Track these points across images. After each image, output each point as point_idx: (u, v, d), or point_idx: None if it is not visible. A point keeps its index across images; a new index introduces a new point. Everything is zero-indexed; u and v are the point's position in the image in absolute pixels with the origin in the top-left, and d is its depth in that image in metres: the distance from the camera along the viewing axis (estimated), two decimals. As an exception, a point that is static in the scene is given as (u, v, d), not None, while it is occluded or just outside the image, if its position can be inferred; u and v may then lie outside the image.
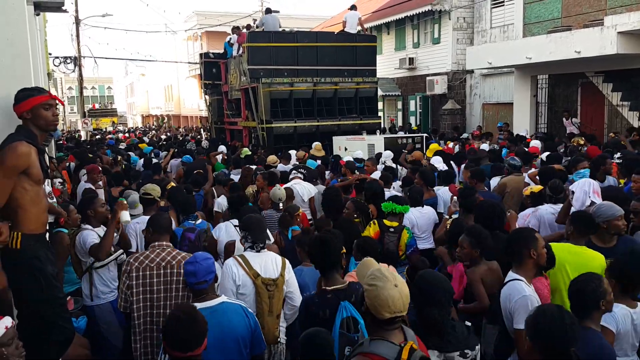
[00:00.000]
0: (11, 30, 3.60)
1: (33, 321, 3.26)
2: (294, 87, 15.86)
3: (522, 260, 3.57)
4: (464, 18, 21.03)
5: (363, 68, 16.77)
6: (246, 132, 17.48)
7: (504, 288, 3.55)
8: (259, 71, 15.46)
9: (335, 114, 16.31)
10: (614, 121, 14.96)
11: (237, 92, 17.61)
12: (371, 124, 16.62)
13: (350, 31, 16.99)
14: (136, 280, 3.85)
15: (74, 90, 55.76)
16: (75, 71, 30.69)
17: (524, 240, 3.60)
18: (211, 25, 38.85)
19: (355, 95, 16.77)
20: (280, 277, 3.95)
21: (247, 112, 16.98)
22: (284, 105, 15.86)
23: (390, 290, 2.37)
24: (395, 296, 2.37)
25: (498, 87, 20.08)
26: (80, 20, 31.04)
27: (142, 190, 5.98)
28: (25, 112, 3.29)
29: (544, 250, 3.60)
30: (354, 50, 16.71)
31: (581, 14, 15.79)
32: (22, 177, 3.17)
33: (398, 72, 24.17)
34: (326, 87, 16.26)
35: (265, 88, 15.41)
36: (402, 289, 2.41)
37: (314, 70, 16.10)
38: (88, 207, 5.02)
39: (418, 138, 13.53)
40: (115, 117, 50.29)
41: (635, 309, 3.42)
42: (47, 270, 3.26)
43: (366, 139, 13.57)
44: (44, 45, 14.51)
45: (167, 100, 59.07)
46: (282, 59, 15.75)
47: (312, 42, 16.39)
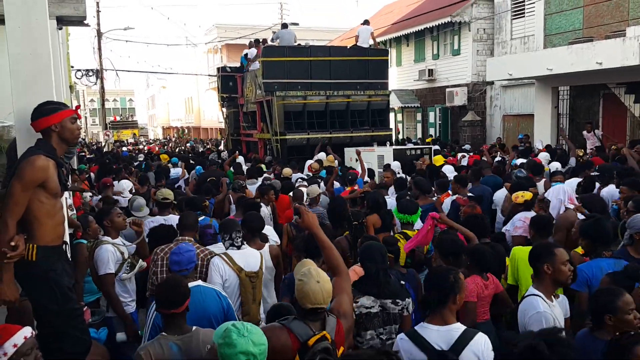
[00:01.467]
0: (34, 45, 3.66)
1: (50, 332, 3.28)
2: (307, 100, 16.23)
3: (539, 275, 3.54)
4: (484, 29, 20.94)
5: (375, 81, 17.05)
6: (261, 144, 17.81)
7: (522, 303, 3.54)
8: (273, 84, 15.86)
9: (348, 126, 16.64)
10: (636, 133, 14.72)
11: (253, 105, 17.96)
12: (382, 135, 16.83)
13: (362, 45, 17.35)
14: (160, 267, 4.54)
15: (96, 103, 56.70)
16: (97, 84, 31.19)
17: (540, 256, 3.57)
18: (231, 38, 39.26)
19: (367, 107, 17.06)
20: (260, 270, 4.54)
21: (262, 124, 17.29)
22: (298, 118, 16.21)
23: (312, 285, 2.84)
24: (317, 290, 2.83)
25: (519, 98, 19.91)
26: (102, 34, 31.61)
27: (160, 195, 6.61)
28: (53, 125, 3.33)
29: (563, 266, 3.49)
30: (366, 63, 17.03)
31: (603, 25, 15.63)
32: (38, 190, 3.20)
33: (417, 84, 24.12)
34: (339, 99, 16.60)
35: (279, 101, 15.80)
36: (324, 285, 2.87)
37: (327, 83, 16.44)
38: (105, 217, 5.10)
39: (427, 149, 13.86)
40: (137, 129, 50.87)
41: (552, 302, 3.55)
42: (63, 282, 3.28)
43: (376, 150, 13.77)
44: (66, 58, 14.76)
45: (187, 112, 59.71)
46: (296, 72, 16.12)
47: (326, 56, 16.77)
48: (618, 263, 4.04)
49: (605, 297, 3.21)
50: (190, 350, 3.15)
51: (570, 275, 3.55)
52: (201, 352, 3.14)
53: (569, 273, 3.52)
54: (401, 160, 12.08)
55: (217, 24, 45.02)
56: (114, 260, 4.81)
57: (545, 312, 3.36)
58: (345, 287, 3.30)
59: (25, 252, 3.15)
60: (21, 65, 3.64)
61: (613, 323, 3.10)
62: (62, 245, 3.39)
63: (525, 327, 3.41)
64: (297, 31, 37.47)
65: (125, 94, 78.72)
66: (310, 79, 16.29)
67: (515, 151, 13.27)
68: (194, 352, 3.14)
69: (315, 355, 2.67)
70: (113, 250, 4.83)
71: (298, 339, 2.79)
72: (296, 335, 2.80)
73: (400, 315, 3.84)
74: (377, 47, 18.83)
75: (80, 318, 3.43)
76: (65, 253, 3.44)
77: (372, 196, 6.48)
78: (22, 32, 3.63)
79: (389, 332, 3.81)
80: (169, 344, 3.16)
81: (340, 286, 3.24)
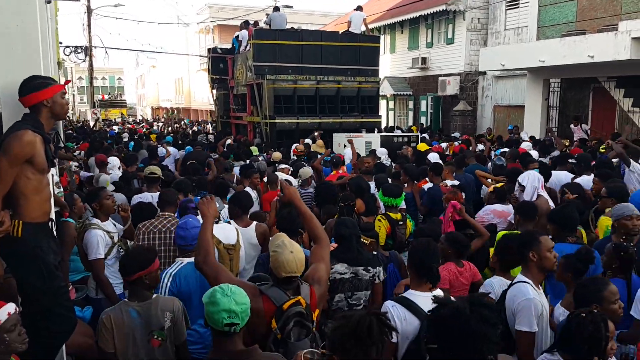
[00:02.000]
0: (21, 17, 3.58)
1: (35, 309, 3.25)
2: (297, 85, 16.33)
3: (526, 262, 3.58)
4: (478, 19, 20.91)
5: (366, 68, 17.26)
6: (251, 127, 17.90)
7: (510, 289, 3.55)
8: (263, 68, 15.93)
9: (338, 112, 16.82)
10: (624, 127, 14.83)
11: (243, 88, 17.93)
12: (372, 122, 17.05)
13: (354, 31, 17.36)
14: (142, 242, 4.82)
15: (84, 80, 56.04)
16: (85, 61, 30.77)
17: (527, 243, 3.60)
18: (224, 19, 38.85)
19: (358, 94, 17.26)
20: (237, 243, 4.73)
21: (252, 107, 17.31)
22: (288, 102, 16.30)
23: (286, 255, 3.02)
24: (290, 260, 3.01)
25: (510, 89, 19.96)
26: (92, 10, 31.11)
27: (148, 171, 6.85)
28: (45, 100, 3.28)
29: (548, 253, 3.53)
30: (358, 50, 17.16)
31: (596, 19, 15.66)
32: (25, 166, 3.15)
33: (410, 72, 24.07)
34: (329, 85, 16.75)
35: (269, 84, 15.90)
36: (297, 255, 3.05)
37: (317, 68, 16.55)
38: (94, 199, 5.09)
39: (413, 137, 14.33)
40: (125, 109, 50.32)
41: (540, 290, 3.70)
42: (49, 259, 3.24)
43: (364, 136, 14.02)
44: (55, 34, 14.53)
45: (177, 92, 59.20)
46: (287, 56, 16.18)
47: (317, 41, 16.84)
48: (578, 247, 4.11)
49: (591, 288, 3.25)
50: (149, 316, 3.38)
51: (555, 262, 3.60)
52: (159, 318, 3.39)
53: (554, 260, 3.58)
54: (388, 147, 12.33)
55: (210, 4, 44.49)
56: (104, 245, 4.83)
57: (534, 298, 3.39)
58: (324, 255, 3.44)
59: (11, 229, 3.11)
60: (8, 39, 3.56)
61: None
62: (48, 222, 3.35)
63: (514, 313, 3.42)
64: (291, 14, 37.19)
65: (115, 72, 77.78)
66: (301, 63, 16.35)
67: (498, 142, 13.77)
68: (153, 318, 3.39)
69: (289, 318, 2.89)
70: (102, 235, 4.85)
71: (274, 303, 2.96)
72: (272, 299, 2.98)
73: (371, 282, 4.14)
74: (369, 34, 18.89)
75: (66, 296, 3.40)
76: (51, 230, 3.40)
77: (354, 181, 6.58)
78: (9, 4, 3.55)
79: (358, 298, 4.11)
80: (129, 309, 3.40)
81: (318, 254, 3.43)
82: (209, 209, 3.40)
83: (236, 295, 2.63)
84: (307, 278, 3.21)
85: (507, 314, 3.51)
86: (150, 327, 3.39)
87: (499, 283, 3.97)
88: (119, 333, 3.35)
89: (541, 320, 3.45)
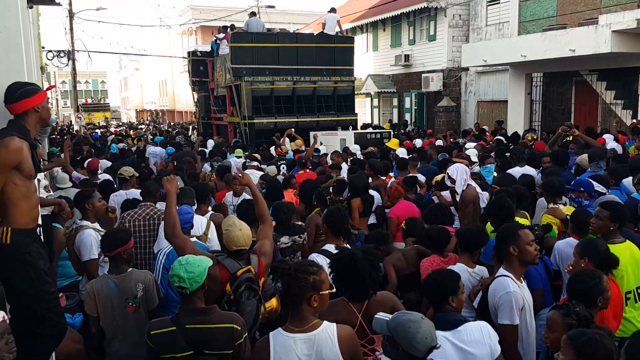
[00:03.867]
0: (3, 22, 3.55)
1: (24, 316, 3.23)
2: (274, 85, 16.92)
3: (507, 256, 3.61)
4: (459, 15, 21.03)
5: (341, 68, 17.88)
6: (231, 128, 18.36)
7: (492, 283, 3.60)
8: (241, 70, 16.51)
9: (314, 111, 17.41)
10: (607, 119, 15.01)
11: (223, 89, 18.47)
12: (348, 120, 17.54)
13: (329, 32, 17.98)
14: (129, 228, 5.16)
15: (67, 85, 55.53)
16: (68, 65, 30.49)
17: (507, 237, 3.64)
18: (206, 20, 38.68)
19: (333, 93, 17.89)
20: (203, 235, 5.17)
21: (232, 108, 17.78)
22: (265, 103, 16.90)
23: (236, 232, 3.65)
24: (239, 236, 3.65)
25: (493, 84, 20.11)
26: (74, 14, 30.86)
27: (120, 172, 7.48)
28: (35, 106, 3.26)
29: (528, 246, 3.57)
30: (333, 50, 17.80)
31: (576, 13, 15.82)
32: (13, 172, 3.13)
33: (393, 69, 24.16)
34: (305, 85, 17.37)
35: (247, 86, 16.46)
36: (244, 232, 3.69)
37: (294, 69, 17.16)
38: (86, 201, 5.10)
39: (386, 134, 15.13)
40: (108, 112, 50.00)
41: (473, 269, 4.28)
42: (38, 265, 3.23)
43: (339, 134, 14.66)
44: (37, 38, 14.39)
45: (161, 95, 58.80)
46: (264, 58, 16.78)
47: (293, 42, 17.53)
48: None
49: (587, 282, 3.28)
50: (124, 286, 4.01)
51: (536, 254, 3.64)
52: (132, 288, 4.01)
53: (535, 252, 3.61)
54: (361, 144, 12.96)
55: (192, 6, 44.28)
56: (97, 245, 4.83)
57: (515, 292, 3.43)
58: (268, 233, 4.15)
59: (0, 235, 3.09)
60: (-10, 44, 3.53)
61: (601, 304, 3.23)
62: (36, 228, 3.33)
63: (496, 307, 3.47)
64: (274, 14, 37.14)
65: (98, 75, 77.19)
66: (277, 65, 16.94)
67: (468, 136, 14.45)
68: (127, 287, 4.01)
69: (241, 283, 3.50)
70: (95, 235, 4.86)
71: (229, 270, 3.58)
72: (227, 268, 3.60)
73: (302, 245, 5.40)
74: (343, 35, 19.43)
75: (56, 301, 3.38)
76: (39, 236, 3.38)
77: (352, 181, 6.78)
78: (-8, 9, 3.52)
79: (297, 257, 5.31)
80: (108, 281, 4.04)
81: (264, 232, 4.13)
82: (172, 186, 3.95)
83: (189, 265, 3.16)
84: (255, 251, 3.87)
85: (490, 308, 3.55)
86: (125, 295, 3.99)
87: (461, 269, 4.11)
88: (100, 300, 3.96)
89: (524, 313, 3.50)
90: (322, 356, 2.75)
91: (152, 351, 3.19)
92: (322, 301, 2.85)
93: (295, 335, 2.76)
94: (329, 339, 2.77)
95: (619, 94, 14.59)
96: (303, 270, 2.82)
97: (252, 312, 3.50)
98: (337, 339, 2.78)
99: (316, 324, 2.81)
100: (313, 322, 2.80)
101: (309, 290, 2.77)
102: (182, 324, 3.15)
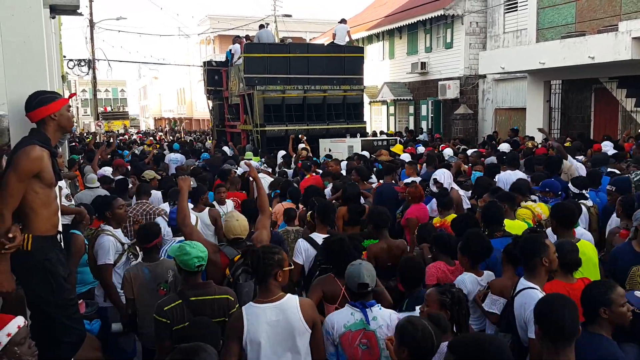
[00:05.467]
0: (27, 32, 3.62)
1: (44, 322, 3.27)
2: (285, 94, 17.44)
3: (535, 268, 3.54)
4: (476, 23, 20.95)
5: (350, 77, 18.30)
6: (244, 135, 18.85)
7: (518, 297, 3.49)
8: (254, 79, 17.02)
9: (324, 119, 17.86)
10: (627, 126, 14.83)
11: (237, 98, 18.97)
12: (357, 128, 17.93)
13: (339, 42, 18.51)
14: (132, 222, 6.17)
15: (88, 93, 56.20)
16: (89, 74, 30.94)
17: (536, 249, 3.57)
18: (224, 29, 39.03)
19: (343, 101, 18.33)
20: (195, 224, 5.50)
21: (245, 116, 18.29)
22: (277, 111, 17.42)
23: (234, 222, 4.28)
24: (236, 226, 4.28)
25: (511, 92, 19.97)
26: (95, 23, 31.33)
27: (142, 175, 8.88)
28: (53, 114, 3.32)
29: (555, 255, 3.58)
30: (343, 60, 18.23)
31: (595, 20, 15.69)
32: (34, 180, 3.18)
33: (410, 77, 24.12)
34: (316, 94, 17.83)
35: (259, 94, 16.98)
36: (241, 222, 4.30)
37: (304, 78, 17.64)
38: (107, 209, 5.21)
39: (392, 140, 15.61)
40: (127, 120, 50.47)
41: (481, 277, 4.30)
42: (58, 271, 3.27)
43: (346, 141, 15.08)
44: (59, 47, 14.64)
45: (179, 103, 59.34)
46: (276, 68, 17.28)
47: (304, 52, 18.06)
48: (506, 241, 4.48)
49: (598, 290, 3.17)
50: (157, 272, 4.48)
51: (557, 262, 3.64)
52: (164, 274, 4.48)
53: (557, 261, 3.62)
54: (369, 150, 13.29)
55: (210, 15, 44.72)
56: (114, 251, 4.93)
57: None
58: (266, 223, 4.65)
59: (22, 242, 3.14)
60: (14, 54, 3.61)
61: (608, 316, 3.07)
62: (56, 235, 3.38)
63: (526, 321, 3.36)
64: (291, 23, 37.34)
65: (117, 84, 78.07)
66: (289, 74, 17.44)
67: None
68: (159, 274, 4.48)
69: (238, 267, 3.98)
70: (114, 241, 4.96)
71: (228, 257, 4.13)
72: (226, 254, 4.15)
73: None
74: (353, 45, 19.92)
75: (75, 308, 3.42)
76: (59, 243, 3.43)
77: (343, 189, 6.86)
78: (16, 20, 3.59)
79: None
80: (143, 268, 4.54)
81: (262, 222, 4.63)
82: (185, 184, 4.43)
83: (198, 246, 3.78)
84: (253, 241, 4.36)
85: (517, 323, 3.43)
86: (157, 280, 4.45)
87: (470, 279, 4.24)
88: (136, 284, 4.44)
89: None
90: (287, 321, 3.23)
91: (167, 326, 3.61)
92: (285, 276, 3.35)
93: (265, 305, 3.24)
94: (293, 307, 3.26)
95: (639, 101, 14.41)
96: (268, 251, 3.35)
97: (249, 293, 3.91)
98: (300, 307, 3.28)
99: (281, 295, 3.30)
100: (279, 294, 3.30)
101: (275, 267, 3.27)
102: (187, 296, 3.66)
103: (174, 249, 3.78)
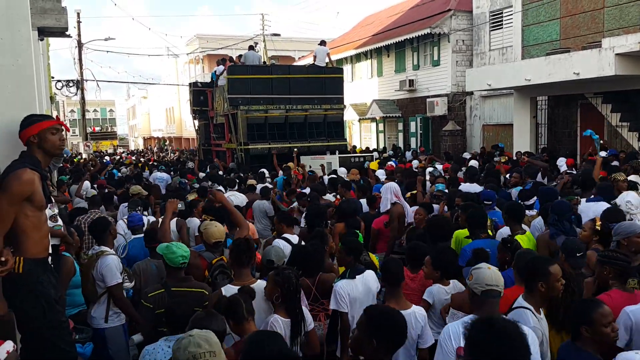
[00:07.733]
0: (18, 56, 3.65)
1: (35, 345, 3.25)
2: (268, 114, 18.20)
3: (532, 289, 3.48)
4: (463, 41, 21.23)
5: (331, 96, 19.11)
6: (229, 153, 19.41)
7: (511, 314, 3.42)
8: (237, 99, 17.74)
9: (306, 137, 18.52)
10: (613, 141, 15.00)
11: (222, 118, 19.63)
12: (337, 145, 18.63)
13: (319, 64, 19.27)
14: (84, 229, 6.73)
15: (76, 113, 56.15)
16: (77, 94, 30.89)
17: (536, 272, 3.49)
18: (213, 49, 39.21)
19: (324, 120, 19.11)
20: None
21: (230, 135, 18.91)
22: (260, 129, 18.12)
23: (212, 228, 4.94)
24: (214, 231, 4.93)
25: (498, 108, 20.18)
26: (83, 44, 31.35)
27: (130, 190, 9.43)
28: (31, 136, 3.31)
29: (556, 282, 3.44)
30: (323, 80, 19.04)
31: (579, 36, 15.95)
32: (24, 204, 3.18)
33: (398, 94, 24.32)
34: (297, 113, 18.59)
35: (243, 114, 17.66)
36: (219, 228, 4.99)
37: (286, 98, 18.43)
38: (107, 228, 5.25)
39: (368, 157, 16.55)
40: (115, 140, 50.51)
41: (448, 286, 4.56)
42: (49, 293, 3.25)
43: (325, 158, 15.80)
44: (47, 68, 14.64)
45: (168, 122, 59.27)
46: (259, 88, 18.05)
47: (285, 74, 18.81)
48: (491, 242, 5.20)
49: (582, 308, 3.15)
50: (162, 267, 4.81)
51: (561, 289, 3.51)
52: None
53: (561, 288, 3.49)
54: (346, 166, 14.04)
55: (199, 35, 44.91)
56: (119, 270, 4.93)
57: (535, 327, 3.26)
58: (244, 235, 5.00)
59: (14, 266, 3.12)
60: (4, 77, 3.62)
61: (590, 335, 3.05)
62: (47, 257, 3.36)
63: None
64: (279, 42, 37.51)
65: (106, 104, 77.99)
66: (271, 94, 18.19)
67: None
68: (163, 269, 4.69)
69: (216, 268, 4.58)
70: (117, 260, 4.97)
71: (207, 260, 4.78)
72: (206, 258, 4.82)
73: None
74: (333, 66, 20.72)
75: (66, 330, 3.40)
76: (50, 265, 3.41)
77: (340, 206, 7.09)
78: (5, 44, 3.61)
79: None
80: (150, 264, 5.39)
81: (241, 234, 4.96)
82: (171, 206, 5.27)
83: (183, 247, 4.38)
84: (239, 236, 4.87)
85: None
86: (162, 274, 4.87)
87: (437, 290, 4.56)
88: (144, 277, 5.24)
89: (540, 347, 3.27)
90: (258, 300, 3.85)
91: (150, 310, 4.20)
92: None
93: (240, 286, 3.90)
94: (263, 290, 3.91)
95: (624, 116, 14.60)
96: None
97: None
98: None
99: (254, 280, 4.14)
100: (252, 279, 4.15)
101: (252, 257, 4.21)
102: (169, 286, 4.28)
103: (162, 248, 4.35)
